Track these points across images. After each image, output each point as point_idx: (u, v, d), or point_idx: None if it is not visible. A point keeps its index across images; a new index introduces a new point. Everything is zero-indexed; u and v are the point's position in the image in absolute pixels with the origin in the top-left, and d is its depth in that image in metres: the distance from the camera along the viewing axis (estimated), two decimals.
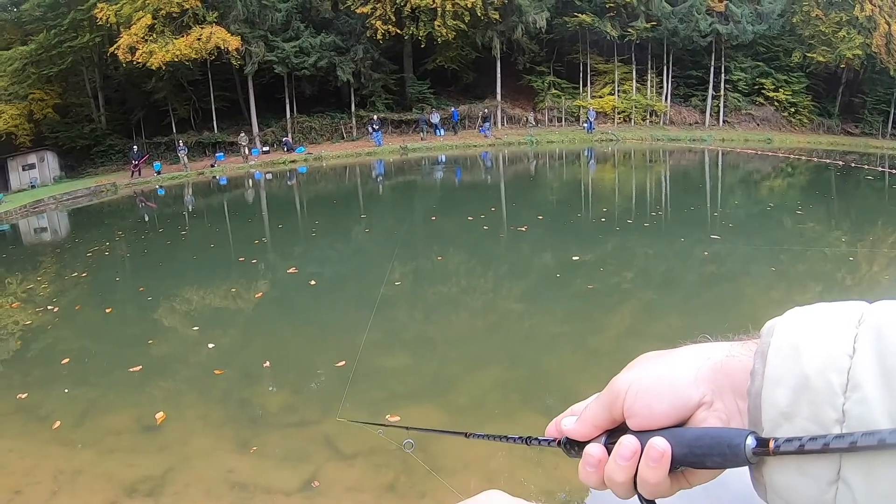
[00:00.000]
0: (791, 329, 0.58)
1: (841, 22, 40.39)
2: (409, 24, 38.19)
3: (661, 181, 26.92)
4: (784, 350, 0.56)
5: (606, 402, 0.67)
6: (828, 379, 0.52)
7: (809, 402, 0.53)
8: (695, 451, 0.60)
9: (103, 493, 5.25)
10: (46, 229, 24.44)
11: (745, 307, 9.48)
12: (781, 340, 0.57)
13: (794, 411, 0.54)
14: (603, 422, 0.68)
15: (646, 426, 0.63)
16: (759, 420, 0.57)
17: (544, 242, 14.36)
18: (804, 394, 0.54)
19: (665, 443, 0.61)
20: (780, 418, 0.55)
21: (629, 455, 0.63)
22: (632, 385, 0.65)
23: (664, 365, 0.66)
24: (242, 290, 11.63)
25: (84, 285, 13.05)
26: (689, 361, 0.65)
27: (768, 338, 0.59)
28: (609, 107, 44.01)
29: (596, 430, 0.69)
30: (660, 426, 0.63)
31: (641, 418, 0.64)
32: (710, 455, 0.59)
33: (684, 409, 0.62)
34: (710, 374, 0.63)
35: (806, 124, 44.33)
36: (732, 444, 0.57)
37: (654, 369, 0.66)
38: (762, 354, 0.58)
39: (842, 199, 20.68)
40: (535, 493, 4.95)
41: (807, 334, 0.56)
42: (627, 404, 0.65)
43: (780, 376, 0.55)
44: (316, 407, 6.70)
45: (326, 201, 24.70)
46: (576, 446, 0.71)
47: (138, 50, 33.09)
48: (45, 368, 8.40)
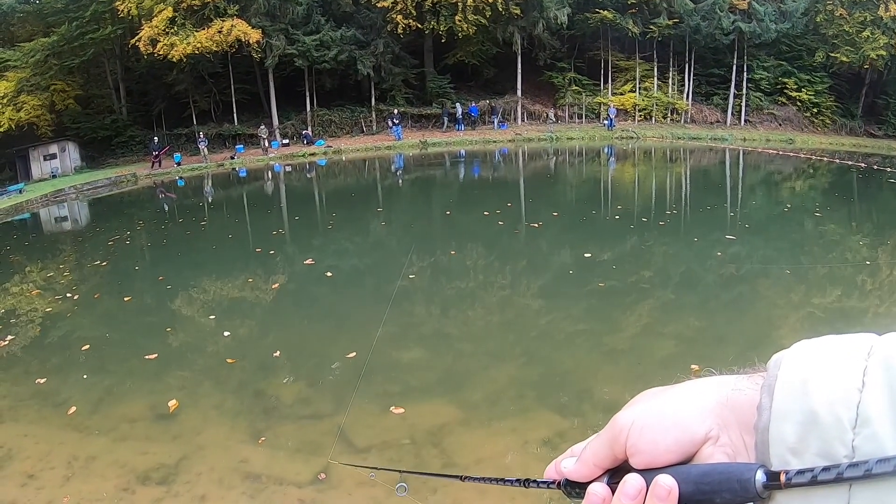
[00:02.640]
0: (799, 362, 0.56)
1: (865, 22, 39.88)
2: (430, 18, 38.09)
3: (679, 180, 26.75)
4: (792, 384, 0.55)
5: (608, 440, 0.65)
6: (836, 414, 0.51)
7: (818, 438, 0.52)
8: (702, 487, 0.57)
9: (116, 480, 5.29)
10: (67, 218, 24.64)
11: (761, 309, 9.41)
12: (789, 374, 0.56)
13: (803, 447, 0.53)
14: (604, 460, 0.65)
15: (650, 464, 0.61)
16: (767, 456, 0.55)
17: (558, 239, 14.34)
18: (813, 429, 0.52)
19: (671, 480, 0.58)
20: (789, 454, 0.53)
21: (634, 494, 0.60)
22: (635, 421, 0.63)
23: (668, 400, 0.63)
24: (259, 280, 11.68)
25: (103, 274, 13.15)
26: (694, 396, 0.63)
27: (775, 371, 0.57)
28: (630, 104, 43.74)
29: (597, 469, 0.66)
30: (665, 463, 0.60)
31: (646, 455, 0.61)
32: (719, 491, 0.56)
33: (690, 444, 0.60)
34: (715, 408, 0.61)
35: (828, 125, 43.85)
36: (742, 479, 0.55)
37: (657, 405, 0.64)
38: (769, 388, 0.57)
39: (863, 202, 20.47)
40: (547, 493, 4.92)
41: (815, 368, 0.55)
42: (631, 441, 0.62)
43: (788, 411, 0.54)
44: (330, 399, 6.72)
45: (345, 194, 24.77)
46: (577, 488, 0.68)
47: (159, 42, 33.20)
48: (64, 355, 8.49)
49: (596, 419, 6.09)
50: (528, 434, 5.84)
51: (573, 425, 5.95)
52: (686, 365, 6.92)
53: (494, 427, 6.01)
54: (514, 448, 5.56)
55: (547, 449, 5.53)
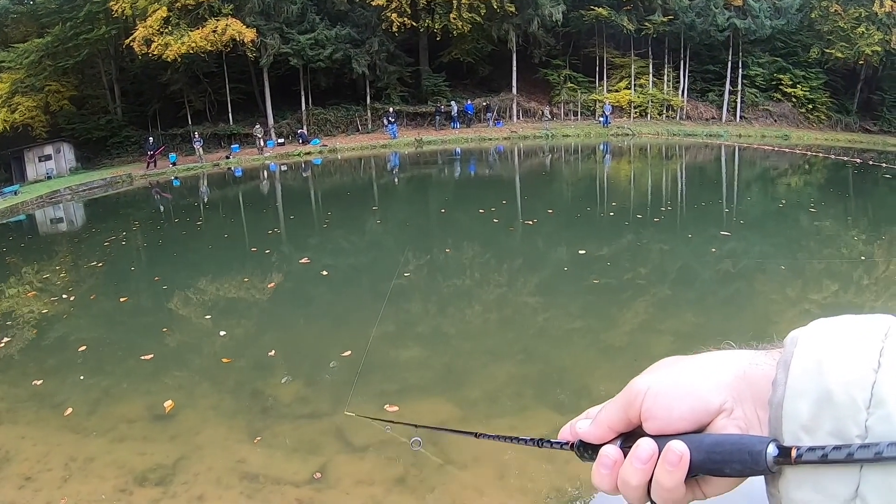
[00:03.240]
0: (815, 340, 0.56)
1: (860, 18, 39.99)
2: (425, 16, 38.13)
3: (674, 176, 26.77)
4: (807, 362, 0.55)
5: (623, 404, 0.65)
6: (851, 394, 0.51)
7: (832, 417, 0.52)
8: (713, 457, 0.58)
9: (114, 481, 5.28)
10: (62, 220, 24.60)
11: (757, 304, 9.42)
12: (805, 352, 0.56)
13: (816, 425, 0.53)
14: (618, 424, 0.66)
15: (663, 430, 0.62)
16: (779, 431, 0.55)
17: (552, 236, 14.36)
18: (827, 408, 0.52)
19: (683, 446, 0.59)
20: (801, 431, 0.53)
21: (647, 458, 0.61)
22: (651, 387, 0.63)
23: (685, 369, 0.64)
24: (255, 280, 11.67)
25: (100, 275, 13.13)
26: (711, 367, 0.63)
27: (792, 348, 0.57)
28: (625, 101, 43.80)
29: (611, 432, 0.66)
30: (677, 431, 0.61)
31: (659, 421, 0.62)
32: (730, 462, 0.57)
33: (704, 414, 0.60)
34: (731, 381, 0.61)
35: (823, 121, 43.96)
36: (753, 452, 0.55)
37: (674, 373, 0.64)
38: (785, 364, 0.57)
39: (858, 198, 20.50)
40: (545, 490, 4.94)
41: (831, 347, 0.55)
42: (646, 406, 0.63)
43: (803, 389, 0.54)
44: (327, 398, 6.71)
45: (340, 193, 24.77)
46: (589, 449, 0.68)
47: (154, 42, 33.19)
48: (60, 356, 8.47)
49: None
50: (525, 432, 5.82)
51: None
52: None
53: (492, 425, 6.00)
54: (512, 446, 5.56)
55: (546, 447, 5.53)
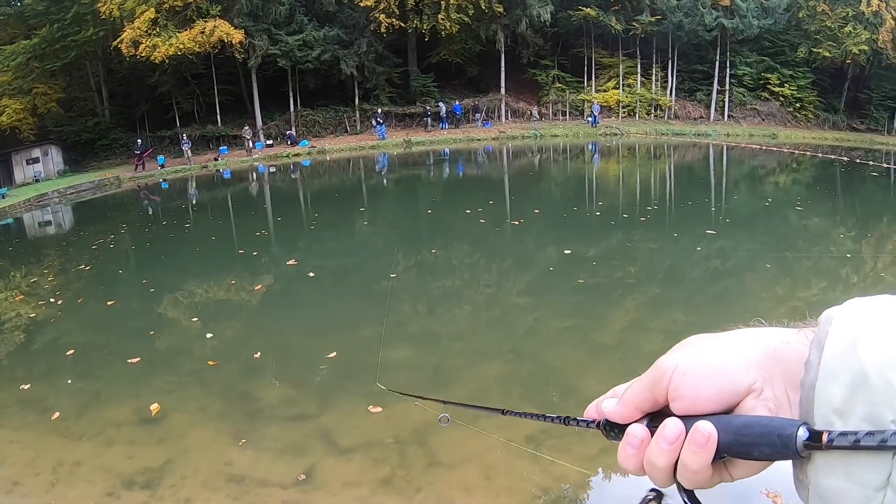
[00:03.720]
0: (850, 320, 0.54)
1: (847, 17, 40.21)
2: (413, 17, 38.11)
3: (663, 176, 26.85)
4: (842, 342, 0.53)
5: (650, 383, 0.64)
6: (886, 377, 0.49)
7: (865, 401, 0.50)
8: (742, 439, 0.56)
9: (102, 485, 5.28)
10: (50, 223, 24.51)
11: (746, 302, 9.47)
12: (839, 332, 0.54)
13: (849, 409, 0.51)
14: (645, 403, 0.64)
15: (690, 410, 0.60)
16: (811, 414, 0.53)
17: (538, 236, 14.42)
18: (861, 391, 0.50)
19: (711, 427, 0.57)
20: (833, 415, 0.52)
21: (673, 438, 0.60)
22: (679, 365, 0.62)
23: (714, 347, 0.62)
24: (242, 282, 11.66)
25: (88, 278, 13.09)
26: (741, 345, 0.61)
27: (826, 327, 0.55)
28: (613, 101, 43.89)
29: (637, 412, 0.65)
30: (705, 411, 0.59)
31: (687, 401, 0.60)
32: (759, 444, 0.55)
33: (733, 394, 0.59)
34: (762, 359, 0.60)
35: (811, 120, 44.17)
36: (783, 435, 0.54)
37: (702, 351, 0.62)
38: (818, 344, 0.55)
39: (846, 196, 20.62)
40: (532, 489, 4.96)
41: (867, 327, 0.53)
42: (673, 385, 0.61)
43: (837, 370, 0.52)
44: (314, 400, 6.72)
45: (329, 194, 24.76)
46: (615, 428, 0.68)
47: (142, 44, 33.03)
48: (48, 360, 8.46)
49: (581, 415, 6.12)
50: (512, 432, 5.86)
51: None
52: None
53: (479, 425, 6.02)
54: (498, 446, 5.58)
55: (532, 446, 5.56)
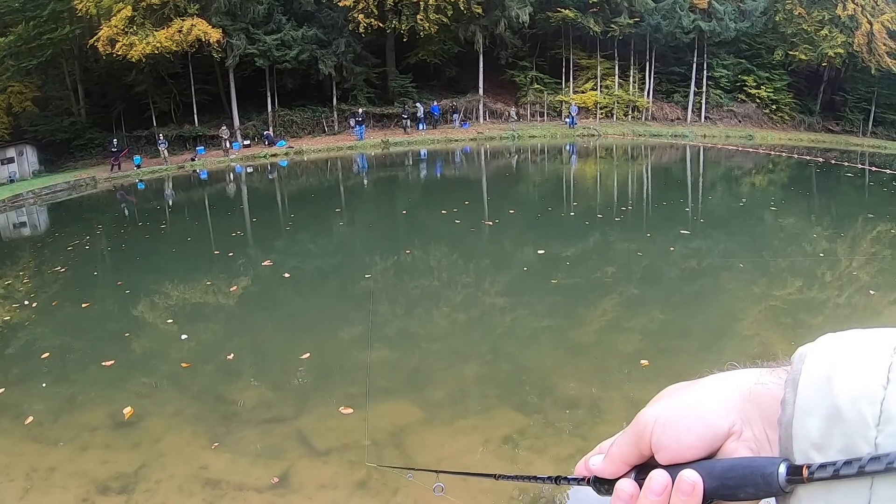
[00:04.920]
0: (823, 357, 0.56)
1: (823, 20, 40.74)
2: (392, 17, 38.07)
3: (639, 176, 27.03)
4: (816, 379, 0.55)
5: (633, 437, 0.65)
6: (860, 410, 0.50)
7: (842, 434, 0.51)
8: (726, 482, 0.58)
9: (76, 491, 5.24)
10: (25, 224, 24.20)
11: (724, 301, 9.56)
12: (813, 369, 0.55)
13: (827, 443, 0.52)
14: (631, 457, 0.66)
15: (675, 459, 0.61)
16: (790, 450, 0.55)
17: (512, 236, 14.47)
18: (836, 425, 0.52)
19: (696, 475, 0.59)
20: (812, 450, 0.53)
21: (660, 490, 0.61)
22: (658, 418, 0.63)
23: (691, 395, 0.64)
24: (218, 283, 11.60)
25: (63, 280, 12.96)
26: (717, 390, 0.63)
27: (799, 365, 0.57)
28: (591, 102, 44.11)
29: (624, 466, 0.67)
30: (689, 459, 0.61)
31: (670, 451, 0.62)
32: (743, 486, 0.57)
33: (714, 439, 0.60)
34: (739, 402, 0.61)
35: (787, 121, 44.68)
36: (765, 474, 0.55)
37: (681, 400, 0.64)
38: (793, 383, 0.57)
39: (821, 196, 20.87)
40: (509, 490, 4.98)
41: (839, 363, 0.54)
42: (655, 438, 0.63)
43: (812, 407, 0.54)
44: (291, 403, 6.71)
45: (305, 195, 24.72)
46: (606, 484, 0.69)
47: (118, 42, 32.69)
48: (22, 364, 8.37)
49: (558, 416, 6.16)
50: (489, 432, 5.89)
51: (534, 423, 6.01)
52: (637, 360, 7.06)
53: (456, 426, 6.05)
54: (476, 446, 5.60)
55: (508, 447, 5.59)
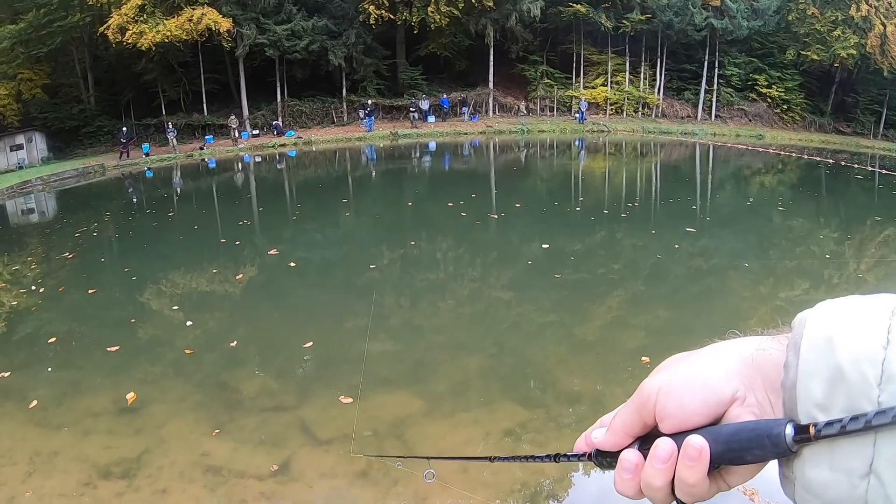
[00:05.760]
0: (824, 321, 0.57)
1: (836, 21, 40.43)
2: (403, 9, 37.97)
3: (647, 173, 26.97)
4: (817, 342, 0.55)
5: (637, 407, 0.65)
6: (862, 371, 0.51)
7: (844, 395, 0.52)
8: (733, 446, 0.58)
9: (78, 475, 5.27)
10: (34, 210, 24.28)
11: (729, 300, 9.54)
12: (814, 332, 0.56)
13: (830, 403, 0.53)
14: (634, 428, 0.66)
15: (679, 427, 0.62)
16: (794, 412, 0.56)
17: (518, 230, 14.49)
18: (839, 386, 0.53)
19: (702, 440, 0.59)
20: (816, 410, 0.54)
21: (666, 457, 0.61)
22: (662, 386, 0.64)
23: (694, 364, 0.64)
24: (224, 271, 11.63)
25: (70, 266, 13.01)
26: (719, 358, 0.64)
27: (800, 329, 0.58)
28: (601, 98, 43.94)
29: (627, 437, 0.67)
30: (694, 426, 0.61)
31: (675, 419, 0.62)
32: (750, 449, 0.58)
33: (718, 405, 0.61)
34: (741, 368, 0.62)
35: (798, 122, 44.42)
36: (772, 434, 0.56)
37: (683, 369, 0.64)
38: (795, 346, 0.57)
39: (830, 197, 20.76)
40: (509, 483, 4.99)
41: (840, 326, 0.55)
42: (659, 406, 0.63)
43: (815, 368, 0.55)
44: (293, 391, 6.73)
45: (313, 185, 24.77)
46: (608, 457, 0.69)
47: (128, 30, 32.69)
48: (29, 349, 8.42)
49: (560, 410, 6.17)
50: (491, 425, 5.90)
51: (536, 417, 6.02)
52: (638, 357, 7.05)
53: (458, 418, 6.06)
54: (477, 439, 5.61)
55: (510, 440, 5.60)
